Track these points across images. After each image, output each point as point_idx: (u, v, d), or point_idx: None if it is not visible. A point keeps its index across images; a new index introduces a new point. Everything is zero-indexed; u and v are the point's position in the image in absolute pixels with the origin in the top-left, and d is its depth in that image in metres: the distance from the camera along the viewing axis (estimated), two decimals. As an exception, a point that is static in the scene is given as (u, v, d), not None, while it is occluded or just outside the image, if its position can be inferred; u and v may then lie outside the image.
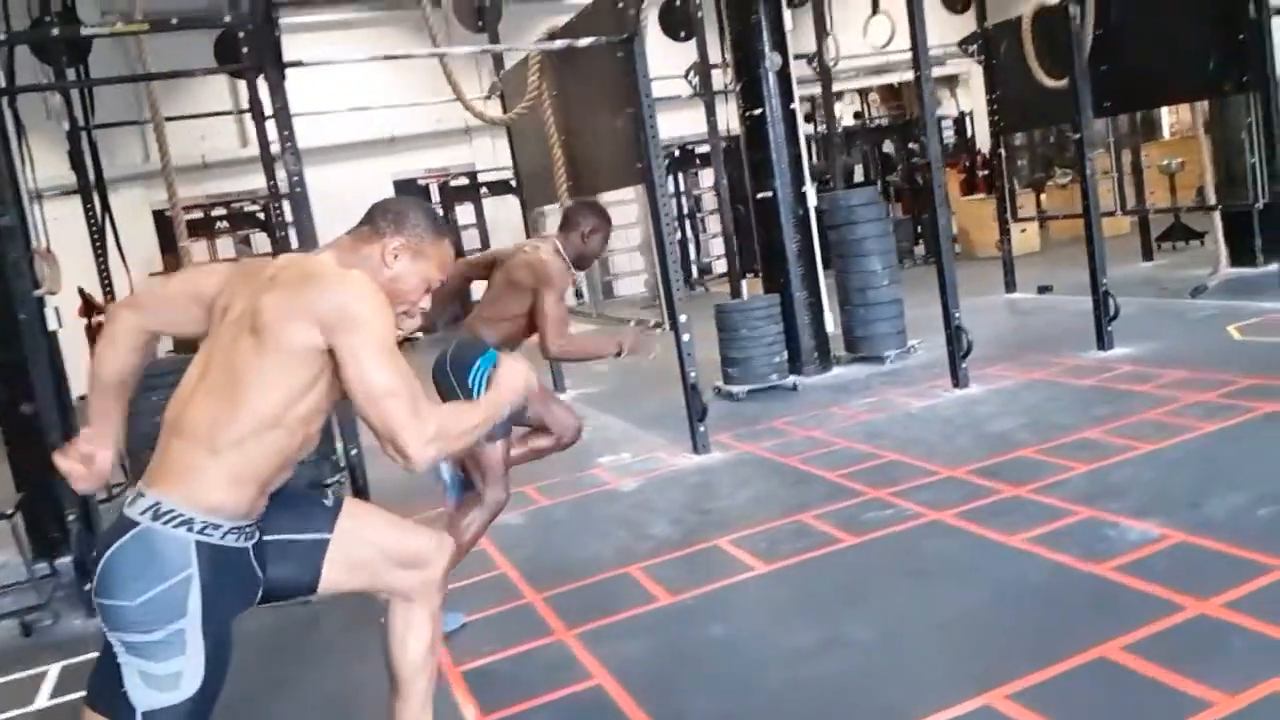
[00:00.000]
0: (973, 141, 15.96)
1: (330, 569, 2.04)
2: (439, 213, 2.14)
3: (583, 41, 5.37)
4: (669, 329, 5.32)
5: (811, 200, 6.98)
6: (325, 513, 2.08)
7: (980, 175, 14.28)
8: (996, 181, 9.58)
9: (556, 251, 3.66)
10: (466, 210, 14.16)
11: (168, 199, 5.07)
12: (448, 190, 14.13)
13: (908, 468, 4.50)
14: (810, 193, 6.99)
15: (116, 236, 6.13)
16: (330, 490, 4.35)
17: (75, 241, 6.43)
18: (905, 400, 5.83)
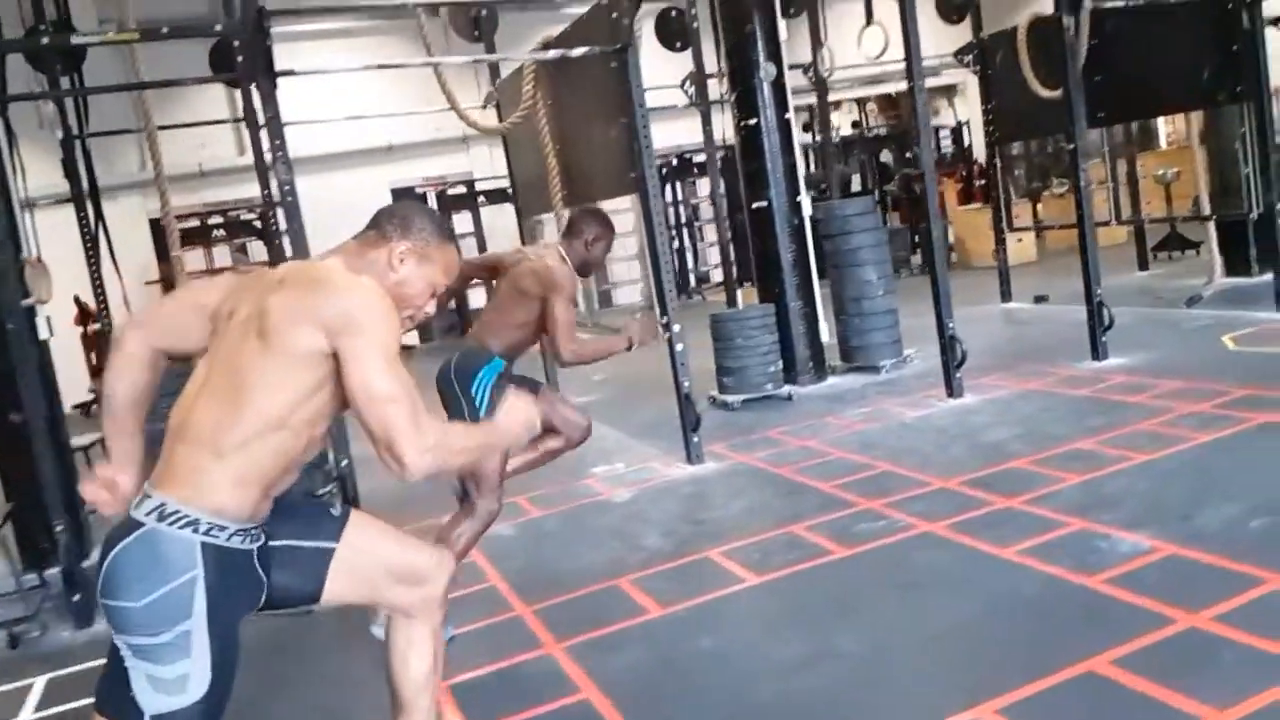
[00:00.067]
0: (970, 151, 15.97)
1: (334, 579, 2.04)
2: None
3: (576, 51, 5.37)
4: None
5: (806, 210, 6.98)
6: (332, 522, 2.08)
7: (977, 185, 14.29)
8: (992, 191, 9.60)
9: (561, 258, 3.66)
10: (464, 219, 14.16)
11: (161, 208, 5.05)
12: (445, 199, 14.14)
13: (901, 478, 4.49)
14: (805, 202, 6.98)
15: (110, 245, 6.12)
16: (335, 500, 4.33)
17: (69, 250, 6.42)
18: (900, 410, 5.82)
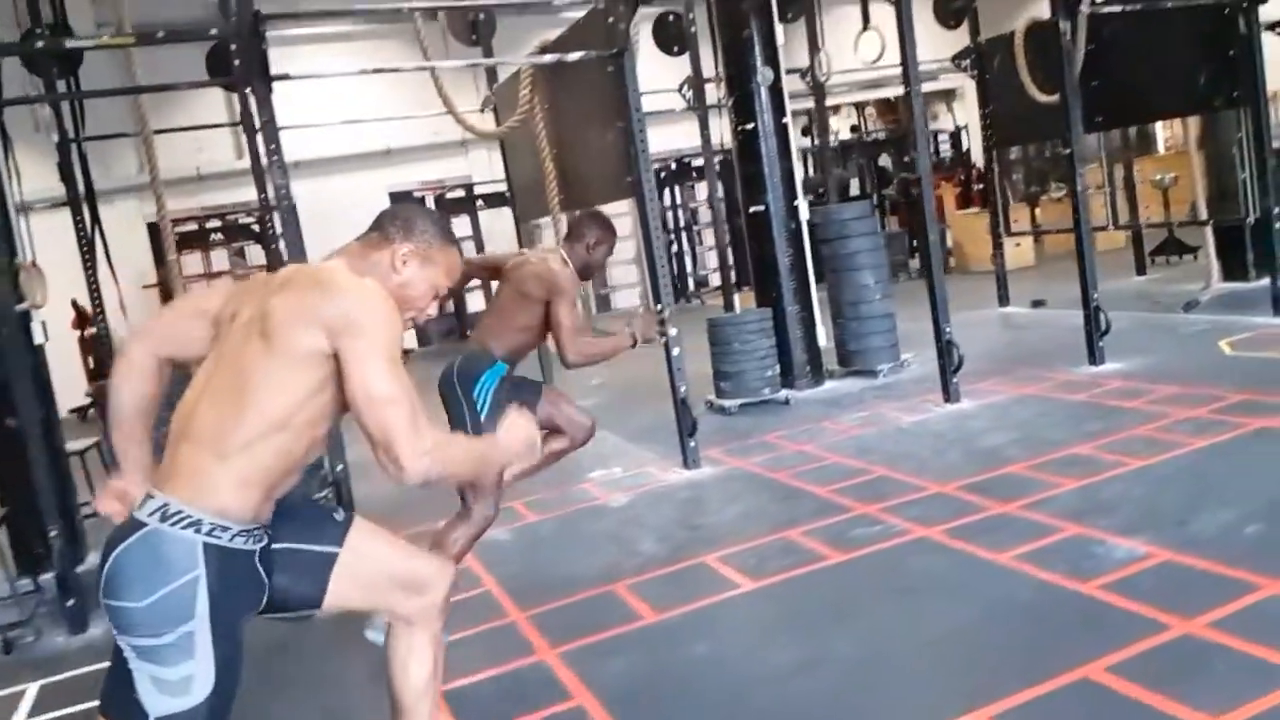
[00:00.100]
0: (968, 155, 15.98)
1: (336, 584, 2.03)
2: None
3: (572, 56, 5.38)
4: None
5: (804, 214, 6.98)
6: (336, 527, 2.08)
7: (975, 189, 14.30)
8: (990, 196, 9.59)
9: (563, 261, 3.67)
10: (462, 222, 14.15)
11: (156, 211, 5.05)
12: (444, 202, 14.14)
13: (897, 483, 4.48)
14: (802, 206, 6.98)
15: (106, 249, 6.11)
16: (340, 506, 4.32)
17: (66, 254, 6.41)
18: (897, 415, 5.82)
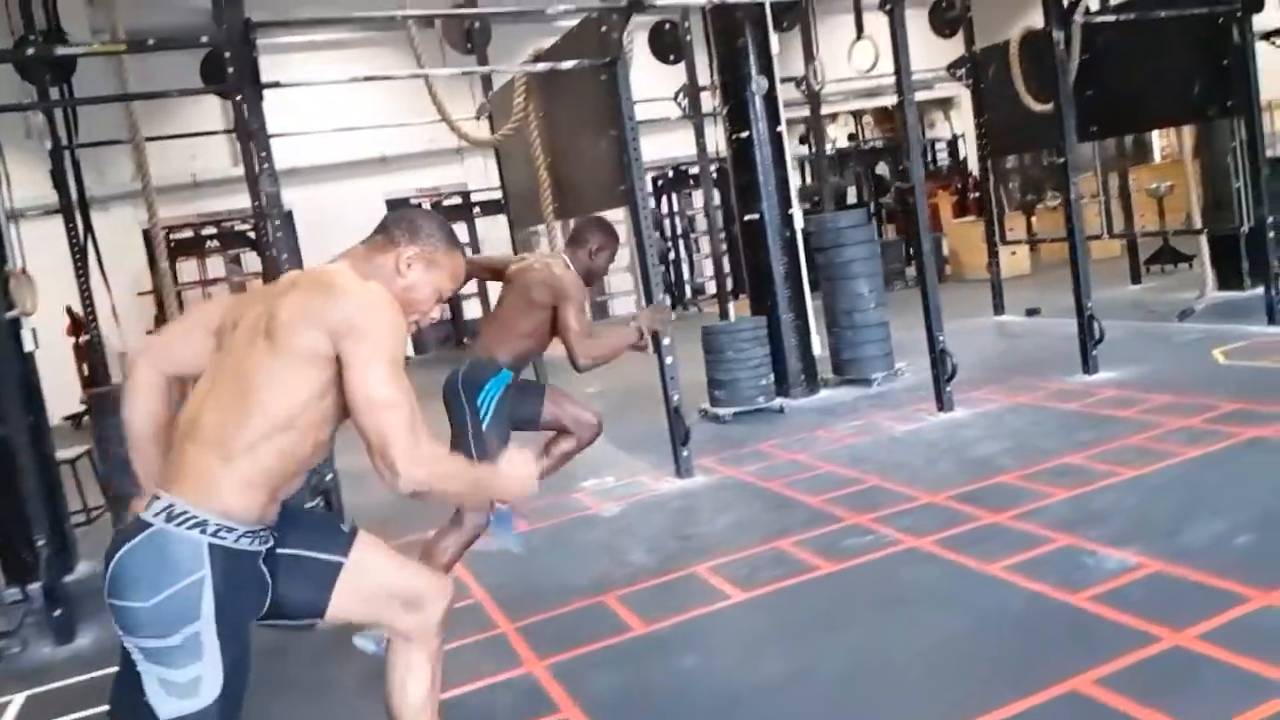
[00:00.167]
0: (965, 164, 16.01)
1: (339, 594, 2.03)
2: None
3: (566, 64, 5.37)
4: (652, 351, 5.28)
5: (798, 222, 6.98)
6: (342, 537, 2.08)
7: (972, 197, 14.32)
8: (985, 204, 9.60)
9: (565, 266, 3.68)
10: (459, 230, 14.07)
11: (148, 219, 5.04)
12: (440, 210, 14.13)
13: (889, 493, 4.47)
14: (797, 215, 6.98)
15: (99, 256, 6.10)
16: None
17: (60, 261, 6.39)
18: (890, 424, 5.80)
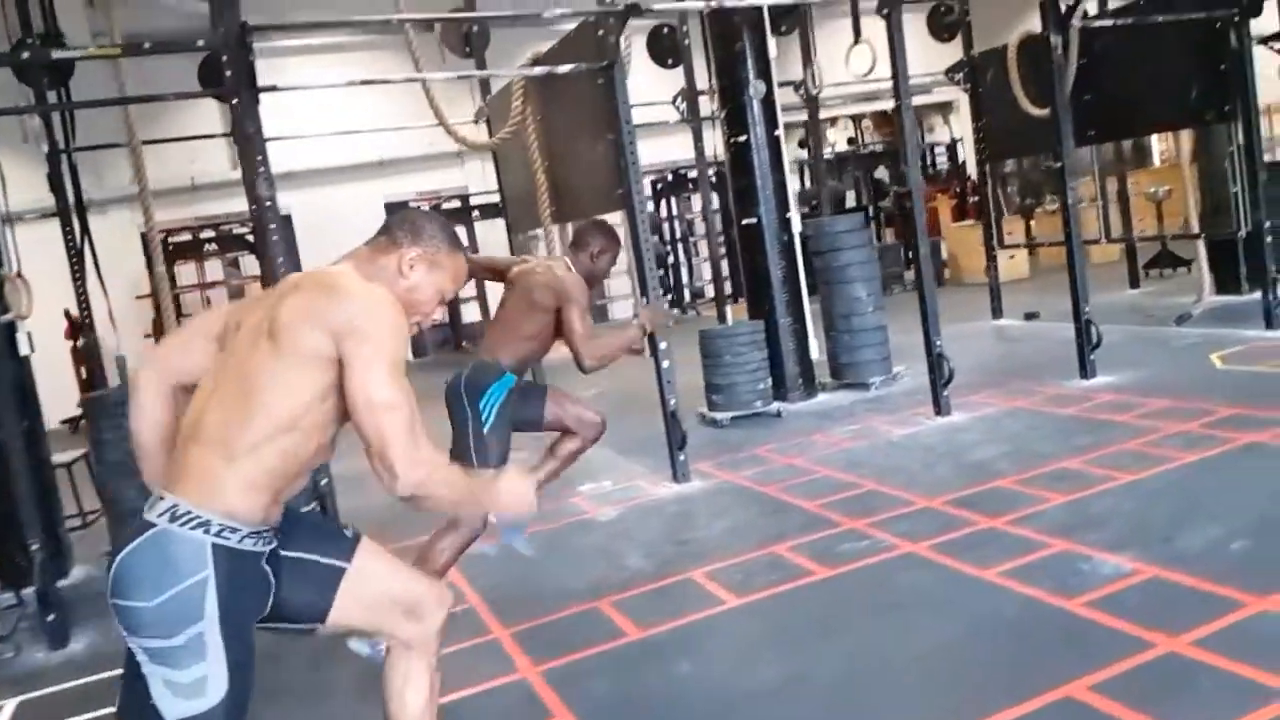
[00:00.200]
0: (964, 168, 16.01)
1: (342, 599, 2.03)
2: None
3: (563, 68, 5.37)
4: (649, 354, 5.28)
5: (796, 226, 6.97)
6: (346, 542, 2.08)
7: (971, 201, 14.32)
8: (984, 208, 9.60)
9: (567, 269, 3.69)
10: (458, 233, 14.16)
11: (144, 222, 5.03)
12: (439, 213, 14.14)
13: (886, 498, 4.46)
14: (795, 219, 6.98)
15: (95, 260, 6.09)
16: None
17: (58, 264, 6.38)
18: (888, 428, 5.80)
